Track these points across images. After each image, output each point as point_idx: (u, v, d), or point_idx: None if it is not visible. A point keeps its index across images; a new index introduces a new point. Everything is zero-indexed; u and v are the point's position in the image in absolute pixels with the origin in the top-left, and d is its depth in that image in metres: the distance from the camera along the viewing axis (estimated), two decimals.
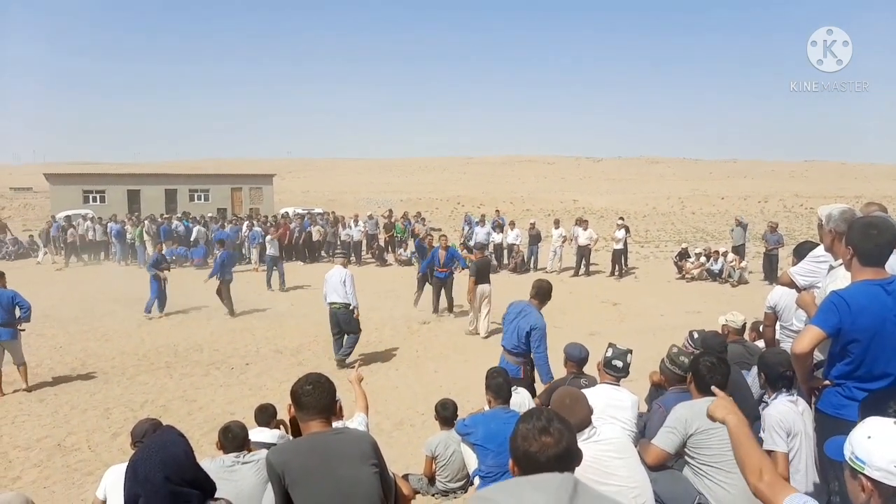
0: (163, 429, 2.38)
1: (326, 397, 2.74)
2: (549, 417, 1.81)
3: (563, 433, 1.77)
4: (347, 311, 9.58)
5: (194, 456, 2.10)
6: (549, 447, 1.74)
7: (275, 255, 17.08)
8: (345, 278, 9.60)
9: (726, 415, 2.25)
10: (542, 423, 1.79)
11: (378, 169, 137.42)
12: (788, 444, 3.45)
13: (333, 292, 9.61)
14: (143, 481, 1.96)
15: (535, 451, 1.74)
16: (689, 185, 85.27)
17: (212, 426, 7.22)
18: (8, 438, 6.96)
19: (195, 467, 2.08)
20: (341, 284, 9.55)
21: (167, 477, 1.96)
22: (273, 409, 4.91)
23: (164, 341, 11.10)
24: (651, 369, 6.17)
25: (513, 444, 1.82)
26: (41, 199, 57.58)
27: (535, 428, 1.78)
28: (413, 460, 5.79)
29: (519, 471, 1.79)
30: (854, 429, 1.80)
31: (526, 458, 1.76)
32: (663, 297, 14.90)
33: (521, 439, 1.79)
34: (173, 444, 2.07)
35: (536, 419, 1.81)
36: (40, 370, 9.47)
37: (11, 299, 8.45)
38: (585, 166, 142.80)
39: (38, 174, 57.21)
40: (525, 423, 1.82)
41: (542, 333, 5.94)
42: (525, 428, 1.80)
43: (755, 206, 53.11)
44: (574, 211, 47.98)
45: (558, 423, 1.80)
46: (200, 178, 41.92)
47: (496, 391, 4.34)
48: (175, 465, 1.99)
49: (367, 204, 52.16)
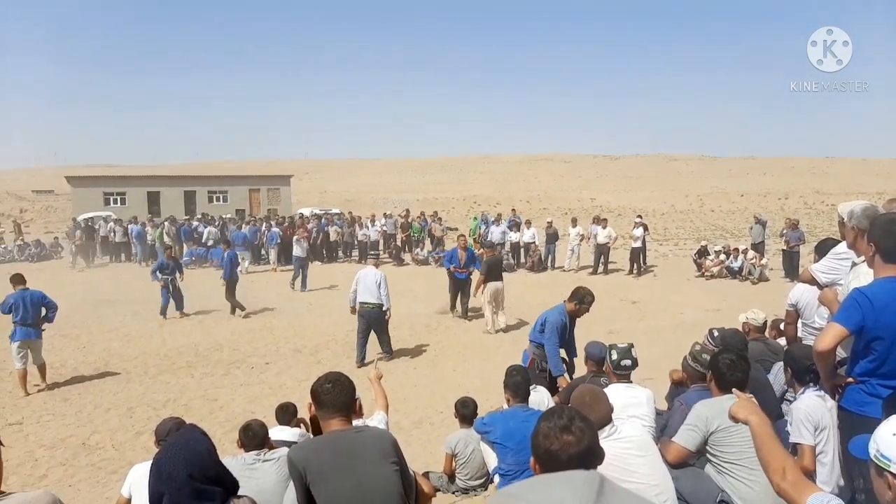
0: (186, 427, 2.40)
1: (346, 395, 2.76)
2: (570, 416, 1.81)
3: (585, 432, 1.77)
4: (380, 311, 9.73)
5: (217, 454, 2.13)
6: (571, 445, 1.73)
7: (302, 256, 16.95)
8: (379, 280, 9.77)
9: (748, 415, 2.24)
10: (563, 421, 1.78)
11: (395, 169, 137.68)
12: (816, 437, 3.42)
13: (367, 292, 9.73)
14: (167, 479, 1.98)
15: (557, 449, 1.74)
16: (708, 183, 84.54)
17: (233, 425, 7.28)
18: (34, 438, 7.08)
19: (218, 465, 2.09)
20: (375, 285, 9.70)
21: (191, 475, 1.97)
22: (294, 407, 4.95)
23: (185, 341, 11.22)
24: (671, 367, 6.13)
25: (534, 442, 1.81)
26: (63, 201, 58.44)
27: (556, 426, 1.77)
28: (433, 458, 5.81)
29: (540, 469, 1.79)
30: (879, 426, 1.78)
31: (547, 456, 1.76)
32: (683, 295, 14.79)
33: (542, 437, 1.78)
34: (196, 441, 2.09)
35: (558, 417, 1.81)
36: (64, 370, 9.63)
37: (41, 299, 8.65)
38: (602, 164, 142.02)
39: (59, 177, 58.00)
40: (547, 422, 1.81)
41: (553, 327, 6.09)
42: (547, 426, 1.79)
43: (775, 203, 52.53)
44: (591, 209, 47.74)
45: (580, 421, 1.80)
46: (219, 180, 42.27)
47: (514, 389, 4.34)
48: (198, 462, 2.01)
49: (383, 204, 52.30)
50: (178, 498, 1.96)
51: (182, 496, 1.96)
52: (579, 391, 3.31)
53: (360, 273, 10.09)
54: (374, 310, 9.72)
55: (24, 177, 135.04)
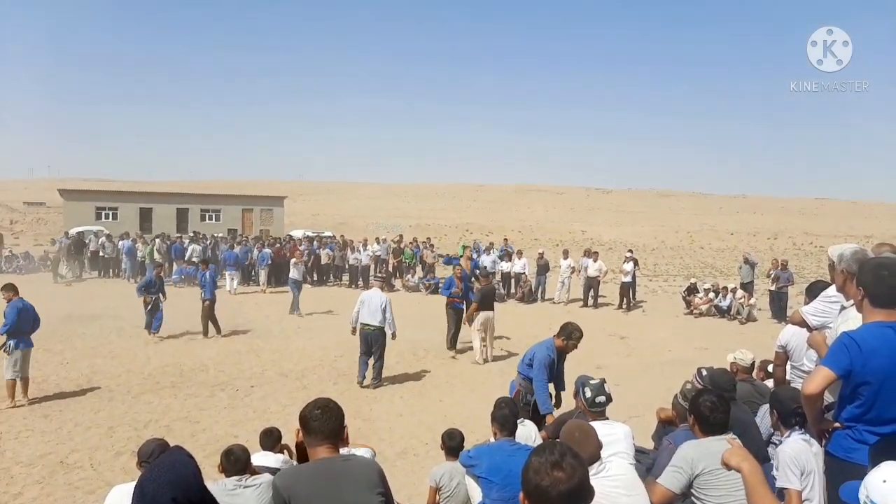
0: (172, 449, 2.37)
1: (334, 422, 2.74)
2: (562, 452, 1.79)
3: (576, 469, 1.75)
4: (381, 333, 9.90)
5: (202, 478, 2.10)
6: (561, 482, 1.71)
7: (298, 279, 16.81)
8: (384, 304, 9.92)
9: (741, 462, 2.25)
10: (554, 457, 1.76)
11: (388, 194, 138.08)
12: (802, 482, 3.41)
13: (370, 315, 9.86)
14: (151, 501, 1.96)
15: (547, 485, 1.72)
16: (699, 220, 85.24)
17: (215, 448, 7.18)
18: (11, 454, 6.95)
19: (203, 489, 2.05)
20: (380, 309, 9.85)
21: (174, 498, 1.93)
22: (278, 433, 4.89)
23: (169, 361, 11.11)
24: (658, 405, 6.11)
25: (524, 477, 1.79)
26: (54, 214, 58.16)
27: (547, 462, 1.75)
28: (415, 490, 5.75)
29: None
30: (869, 473, 1.79)
31: (537, 492, 1.74)
32: (671, 332, 14.82)
33: (532, 473, 1.76)
34: (182, 464, 2.06)
35: (549, 453, 1.78)
36: (46, 385, 9.50)
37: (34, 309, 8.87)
38: (595, 197, 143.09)
39: (52, 189, 57.88)
40: (538, 457, 1.79)
41: (540, 363, 6.09)
42: (537, 461, 1.77)
43: (764, 243, 52.97)
44: (583, 242, 47.99)
45: (571, 458, 1.77)
46: (212, 199, 42.27)
47: (502, 423, 4.31)
48: (183, 485, 1.97)
49: (376, 228, 52.34)
50: None
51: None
52: (568, 427, 3.30)
53: (364, 294, 10.27)
54: (374, 332, 9.86)
55: (16, 188, 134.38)
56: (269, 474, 4.01)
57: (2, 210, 64.52)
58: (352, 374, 10.52)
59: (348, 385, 9.91)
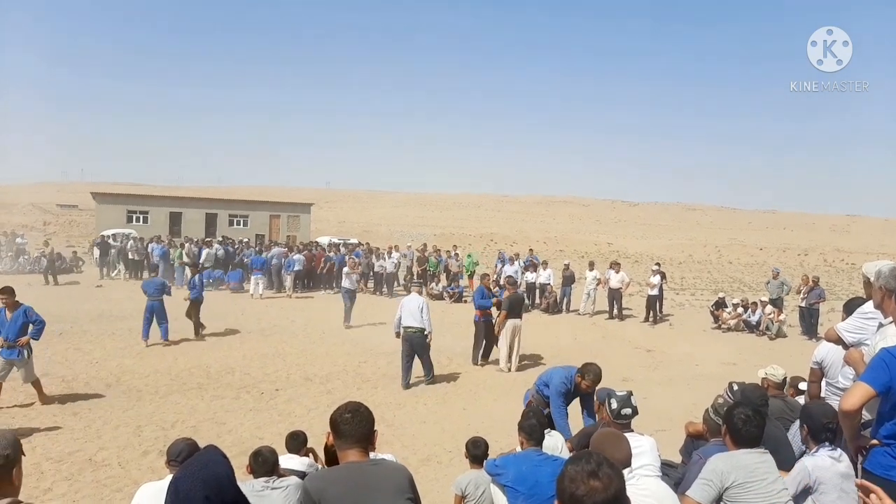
0: (206, 448, 2.39)
1: (365, 426, 2.74)
2: (598, 461, 1.77)
3: (613, 479, 1.73)
4: (422, 335, 10.27)
5: (235, 477, 2.11)
6: (597, 492, 1.70)
7: (351, 288, 15.88)
8: (422, 305, 10.36)
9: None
10: (591, 466, 1.75)
11: (413, 203, 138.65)
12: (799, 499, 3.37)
13: (410, 317, 10.29)
14: (184, 499, 1.97)
15: (582, 494, 1.70)
16: (727, 234, 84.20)
17: (240, 450, 7.24)
18: (41, 450, 7.06)
19: (236, 489, 2.07)
20: (418, 311, 10.29)
21: (207, 497, 1.95)
22: (304, 436, 4.91)
23: (196, 362, 11.24)
24: (685, 419, 6.02)
25: (559, 486, 1.78)
26: (86, 216, 59.41)
27: (583, 471, 1.74)
28: (439, 498, 5.73)
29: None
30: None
31: (572, 501, 1.72)
32: (698, 346, 14.62)
33: (568, 481, 1.74)
34: (216, 464, 2.07)
35: (586, 462, 1.77)
36: (76, 384, 9.66)
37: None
38: (621, 210, 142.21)
39: (84, 192, 59.06)
40: (574, 465, 1.78)
41: (556, 391, 6.13)
42: (573, 470, 1.76)
43: (794, 259, 52.10)
44: (608, 254, 47.65)
45: (608, 468, 1.76)
46: (240, 204, 42.78)
47: (529, 432, 4.29)
48: (216, 484, 1.99)
49: (400, 237, 52.56)
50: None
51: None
52: (600, 433, 3.27)
53: (404, 300, 10.70)
54: (416, 334, 10.23)
55: (50, 190, 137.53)
56: (295, 477, 4.03)
57: (36, 212, 66.06)
58: (375, 380, 10.56)
59: (371, 390, 9.92)
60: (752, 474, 3.27)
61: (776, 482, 3.29)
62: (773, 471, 3.34)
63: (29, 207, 72.47)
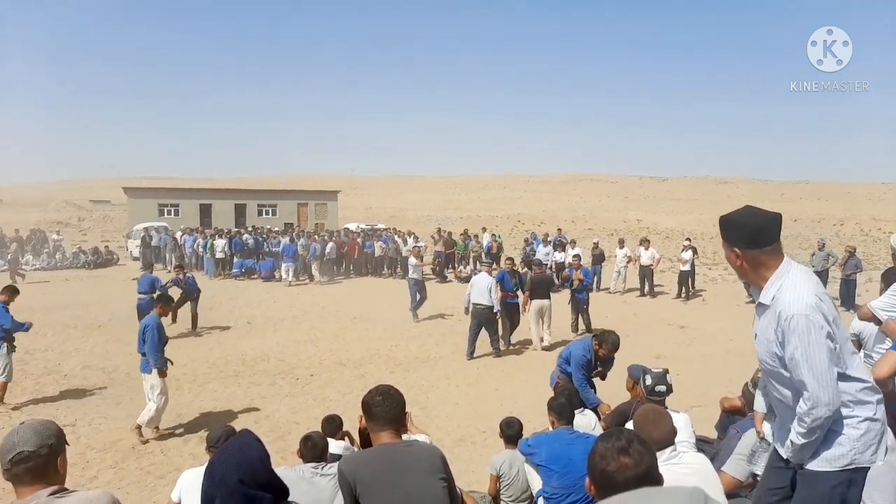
0: (241, 432, 2.43)
1: (396, 408, 2.77)
2: (629, 438, 1.77)
3: (644, 455, 1.73)
4: (490, 312, 10.96)
5: (269, 460, 2.14)
6: (628, 468, 1.70)
7: (419, 279, 14.81)
8: (490, 285, 11.02)
9: None
10: (621, 443, 1.75)
11: (439, 186, 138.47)
12: None
13: (479, 295, 10.99)
14: (219, 483, 2.01)
15: (613, 471, 1.71)
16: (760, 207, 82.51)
17: (277, 435, 7.39)
18: (86, 440, 7.27)
19: (269, 471, 2.10)
20: (487, 290, 10.95)
21: (241, 479, 1.98)
22: (340, 420, 4.97)
23: (232, 350, 11.44)
24: (721, 394, 5.96)
25: (590, 462, 1.79)
26: (119, 211, 60.49)
27: (614, 447, 1.74)
28: (474, 477, 5.77)
29: (596, 490, 1.76)
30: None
31: (603, 477, 1.73)
32: (733, 321, 14.41)
33: (598, 458, 1.75)
34: (249, 448, 2.11)
35: (616, 439, 1.78)
36: (116, 375, 9.92)
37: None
38: (649, 185, 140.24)
39: (116, 187, 60.15)
40: (604, 442, 1.79)
41: (577, 363, 6.16)
42: (604, 447, 1.77)
43: (830, 230, 50.90)
44: (638, 231, 47.09)
45: (639, 444, 1.76)
46: (268, 194, 43.19)
47: (559, 412, 4.29)
48: (249, 468, 2.02)
49: (427, 221, 52.58)
50: (228, 501, 1.98)
51: (232, 501, 1.98)
52: (644, 410, 3.25)
53: (474, 278, 11.50)
54: (484, 310, 10.91)
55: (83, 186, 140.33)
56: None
57: (70, 208, 67.47)
58: (407, 363, 10.66)
59: (404, 374, 10.01)
60: None
61: None
62: None
63: (63, 204, 74.00)
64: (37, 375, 9.74)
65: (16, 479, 2.15)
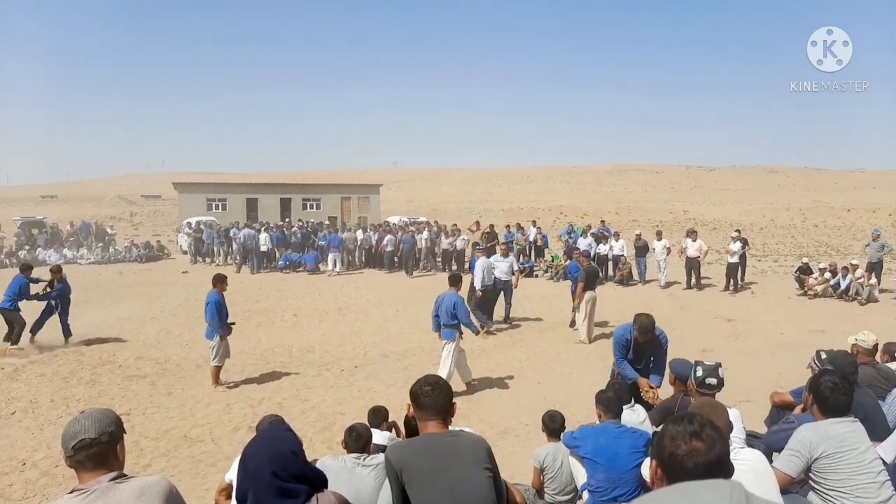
0: (273, 424, 2.45)
1: (444, 399, 2.81)
2: (702, 422, 1.70)
3: (716, 441, 1.66)
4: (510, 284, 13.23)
5: (303, 451, 2.15)
6: (699, 453, 1.63)
7: (507, 279, 13.24)
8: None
9: None
10: (694, 426, 1.68)
11: (481, 179, 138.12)
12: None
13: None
14: (252, 476, 2.04)
15: (683, 454, 1.64)
16: (812, 196, 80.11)
17: (323, 425, 7.52)
18: (140, 429, 7.51)
19: (303, 463, 2.12)
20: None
21: (274, 472, 2.01)
22: (385, 411, 5.03)
23: (278, 342, 11.67)
24: (770, 389, 5.85)
25: (658, 444, 1.73)
26: (169, 206, 62.17)
27: (685, 431, 1.67)
28: (517, 470, 5.77)
29: (662, 473, 1.70)
30: None
31: (671, 461, 1.66)
32: (783, 314, 14.05)
33: (668, 440, 1.69)
34: (282, 440, 2.13)
35: (688, 422, 1.70)
36: (168, 365, 10.22)
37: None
38: (696, 175, 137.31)
39: (166, 183, 61.68)
40: (676, 425, 1.71)
41: (616, 343, 6.24)
42: (675, 429, 1.70)
43: (886, 220, 48.99)
44: (684, 222, 46.21)
45: (711, 429, 1.69)
46: (313, 188, 43.70)
47: (606, 405, 4.27)
48: (282, 460, 2.05)
49: (469, 213, 52.58)
50: (262, 495, 2.01)
51: (267, 493, 2.01)
52: (699, 402, 3.21)
53: (477, 263, 12.96)
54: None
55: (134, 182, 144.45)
56: (383, 455, 4.14)
57: (122, 203, 69.61)
58: None
59: None
60: (843, 444, 3.15)
61: (867, 451, 3.17)
62: (865, 440, 3.21)
63: (116, 199, 76.40)
64: (92, 366, 10.09)
65: (78, 466, 2.24)
